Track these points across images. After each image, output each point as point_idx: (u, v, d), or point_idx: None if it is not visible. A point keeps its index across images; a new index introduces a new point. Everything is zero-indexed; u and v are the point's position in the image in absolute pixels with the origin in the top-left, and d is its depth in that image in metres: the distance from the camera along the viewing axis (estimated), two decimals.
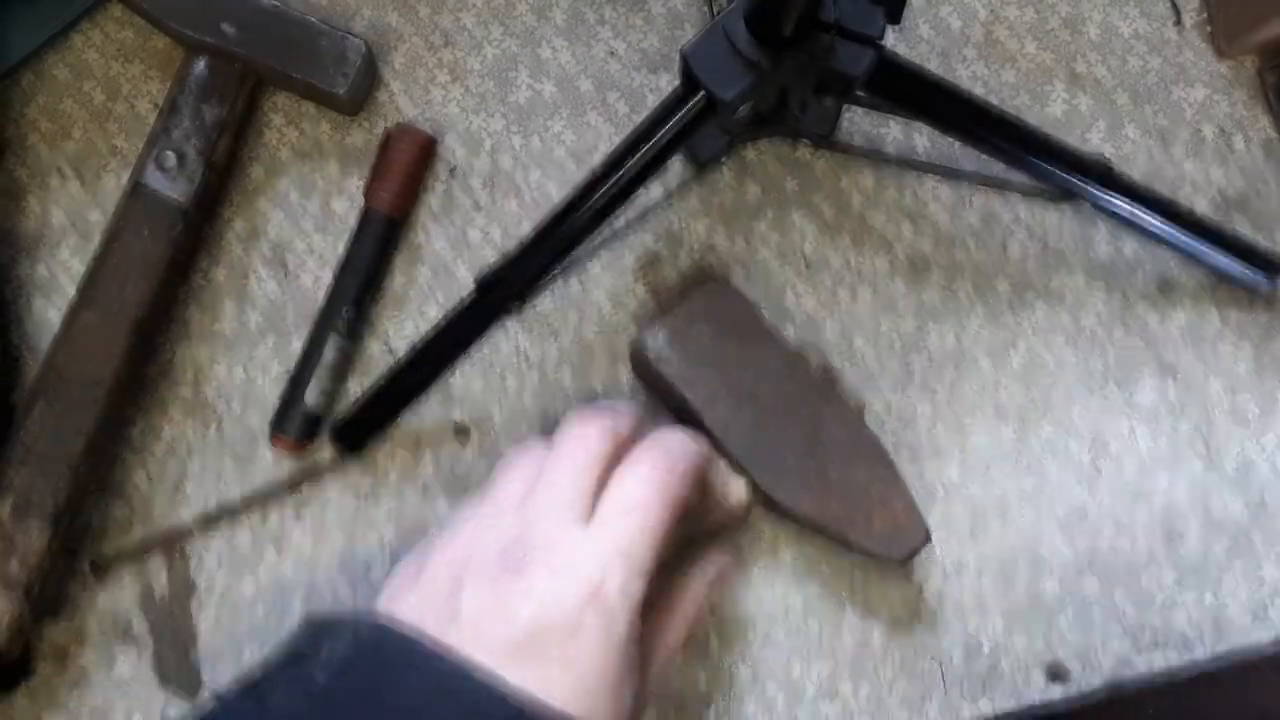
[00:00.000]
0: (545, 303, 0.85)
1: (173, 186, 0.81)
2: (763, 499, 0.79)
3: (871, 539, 0.78)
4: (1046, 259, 0.86)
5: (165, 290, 0.83)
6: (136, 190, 0.82)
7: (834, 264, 0.86)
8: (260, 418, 0.85)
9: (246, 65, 0.82)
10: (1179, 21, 0.88)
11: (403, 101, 0.88)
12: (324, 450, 0.85)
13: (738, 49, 0.68)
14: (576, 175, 0.87)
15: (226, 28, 0.81)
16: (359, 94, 0.85)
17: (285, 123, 0.87)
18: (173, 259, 0.82)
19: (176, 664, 0.83)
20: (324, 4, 0.88)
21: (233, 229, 0.87)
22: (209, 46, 0.82)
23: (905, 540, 0.78)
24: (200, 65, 0.82)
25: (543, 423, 0.85)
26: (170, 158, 0.81)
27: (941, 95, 0.79)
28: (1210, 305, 0.85)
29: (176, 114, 0.82)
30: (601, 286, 0.86)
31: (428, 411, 0.85)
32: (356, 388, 0.85)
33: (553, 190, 0.87)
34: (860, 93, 0.75)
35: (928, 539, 0.78)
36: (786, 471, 0.78)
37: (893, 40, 0.88)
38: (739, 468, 0.78)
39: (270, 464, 0.85)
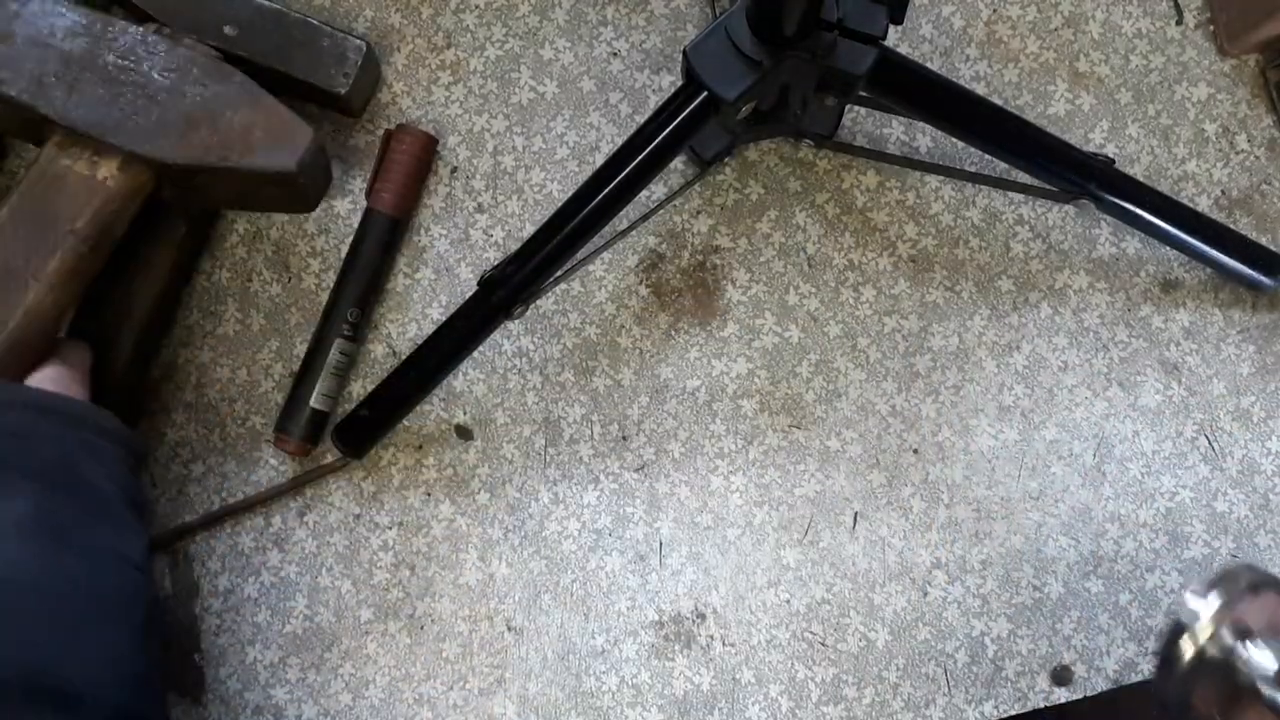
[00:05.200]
0: (547, 303, 0.85)
1: None
2: (124, 159, 0.72)
3: (255, 156, 0.73)
4: (1049, 258, 0.86)
5: (170, 292, 0.83)
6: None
7: (837, 263, 0.86)
8: (263, 420, 0.85)
9: (249, 67, 0.82)
10: (1181, 20, 0.87)
11: (405, 102, 0.87)
12: (327, 452, 0.85)
13: (740, 48, 0.68)
14: (579, 175, 0.87)
15: (228, 30, 0.81)
16: (361, 94, 0.85)
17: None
18: (177, 261, 0.82)
19: (180, 665, 0.83)
20: (326, 5, 0.88)
21: (235, 231, 0.87)
22: (211, 48, 0.81)
23: (291, 146, 0.74)
24: None
25: (546, 425, 0.85)
26: None
27: (944, 95, 0.79)
28: (1213, 306, 0.85)
29: None
30: (604, 288, 0.85)
31: (430, 412, 0.85)
32: (360, 389, 0.85)
33: (555, 190, 0.87)
34: (862, 92, 0.75)
35: (313, 137, 0.74)
36: (140, 125, 0.73)
37: (895, 39, 0.88)
38: (92, 140, 0.72)
39: (273, 466, 0.85)
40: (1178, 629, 0.49)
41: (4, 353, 0.70)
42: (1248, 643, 0.49)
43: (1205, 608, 0.49)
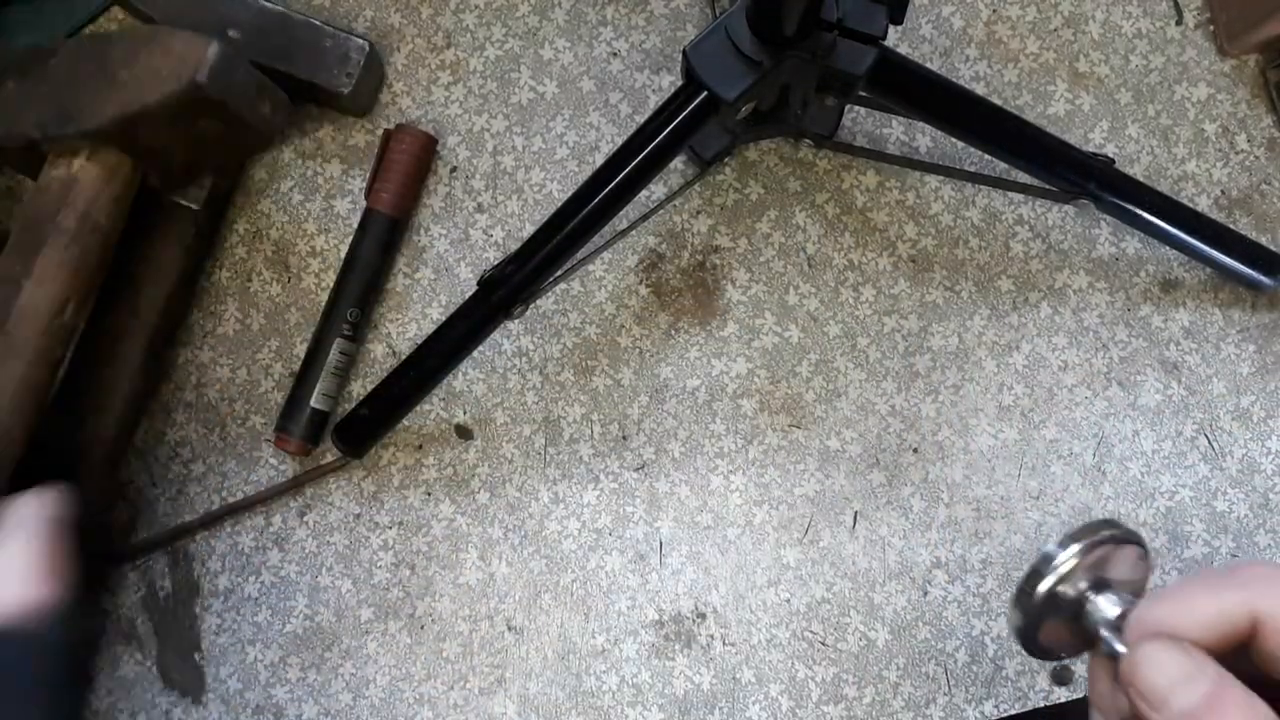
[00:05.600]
0: (547, 303, 0.85)
1: (182, 192, 0.82)
2: (89, 149, 0.75)
3: (164, 84, 0.74)
4: (1049, 258, 0.86)
5: (179, 295, 0.84)
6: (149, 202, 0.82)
7: (837, 263, 0.86)
8: (263, 419, 0.85)
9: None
10: (1181, 20, 0.87)
11: (405, 102, 0.87)
12: (327, 452, 0.85)
13: (740, 48, 0.68)
14: (579, 175, 0.87)
15: (232, 34, 0.81)
16: (366, 93, 0.85)
17: (288, 124, 0.87)
18: (185, 265, 0.82)
19: (180, 665, 0.83)
20: (326, 5, 0.88)
21: (235, 231, 0.87)
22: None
23: (194, 62, 0.73)
24: None
25: (546, 424, 0.85)
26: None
27: (944, 95, 0.79)
28: (1213, 305, 0.85)
29: None
30: (604, 287, 0.86)
31: (430, 412, 0.85)
32: (360, 389, 0.85)
33: (555, 190, 0.87)
34: (862, 92, 0.75)
35: (215, 47, 0.73)
36: (82, 103, 0.75)
37: (895, 39, 0.88)
38: (63, 141, 0.75)
39: (273, 466, 0.85)
40: (1036, 573, 0.50)
41: (3, 350, 0.70)
42: (1101, 592, 0.50)
43: (1065, 554, 0.50)
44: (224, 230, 0.87)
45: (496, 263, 0.78)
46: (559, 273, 0.77)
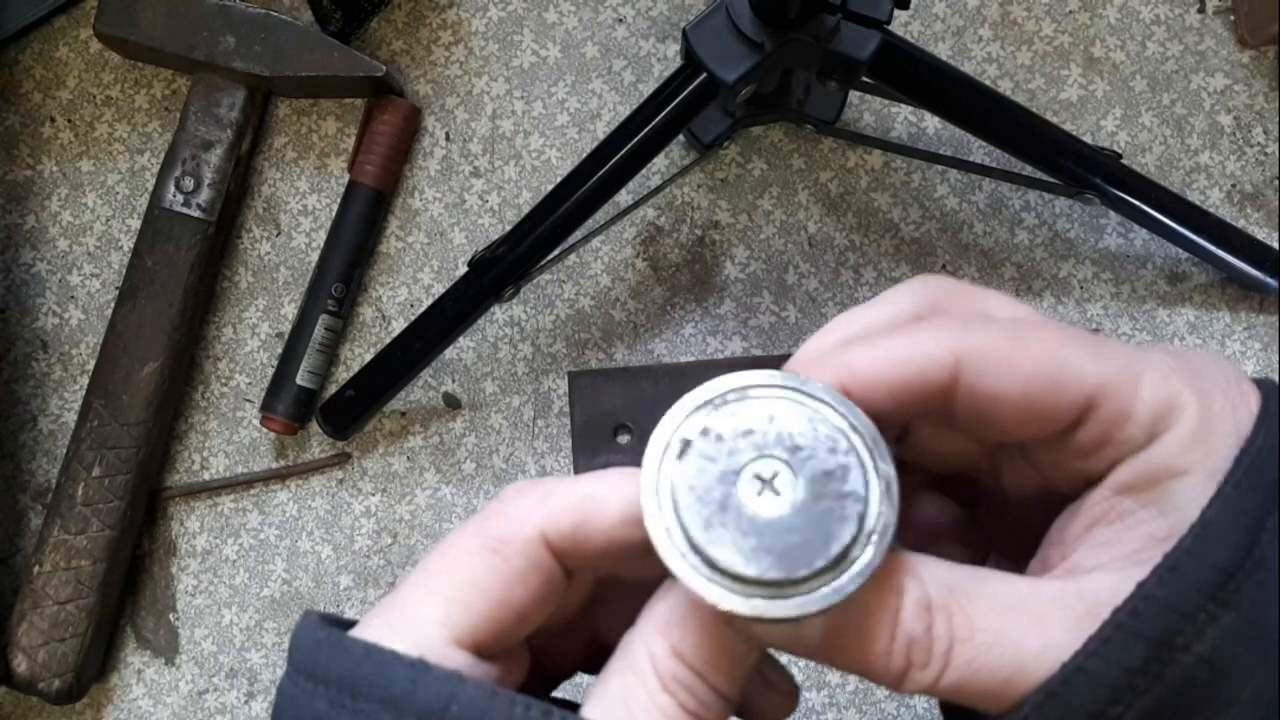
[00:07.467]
0: (541, 273, 0.84)
1: (193, 205, 0.82)
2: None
3: None
4: (1055, 247, 0.84)
5: (197, 303, 0.83)
6: (157, 214, 0.82)
7: (838, 243, 0.84)
8: (250, 388, 0.84)
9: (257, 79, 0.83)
10: (1203, 9, 0.85)
11: (404, 62, 0.86)
12: (315, 438, 0.84)
13: (741, 29, 0.66)
14: (578, 142, 0.85)
15: (231, 40, 0.82)
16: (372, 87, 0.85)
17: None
18: (202, 274, 0.83)
19: (154, 625, 0.83)
20: None
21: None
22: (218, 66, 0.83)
23: None
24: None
25: (535, 396, 0.84)
26: (188, 181, 0.81)
27: (949, 84, 0.77)
28: (1219, 301, 0.83)
29: (191, 135, 0.83)
30: (600, 258, 0.84)
31: (418, 380, 0.84)
32: (348, 353, 0.84)
33: (553, 157, 0.85)
34: (866, 79, 0.73)
35: None
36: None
37: (907, 18, 0.85)
38: None
39: (256, 432, 0.84)
40: None
41: None
42: None
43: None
44: (237, 235, 0.86)
45: (488, 244, 0.76)
46: (550, 256, 0.76)
